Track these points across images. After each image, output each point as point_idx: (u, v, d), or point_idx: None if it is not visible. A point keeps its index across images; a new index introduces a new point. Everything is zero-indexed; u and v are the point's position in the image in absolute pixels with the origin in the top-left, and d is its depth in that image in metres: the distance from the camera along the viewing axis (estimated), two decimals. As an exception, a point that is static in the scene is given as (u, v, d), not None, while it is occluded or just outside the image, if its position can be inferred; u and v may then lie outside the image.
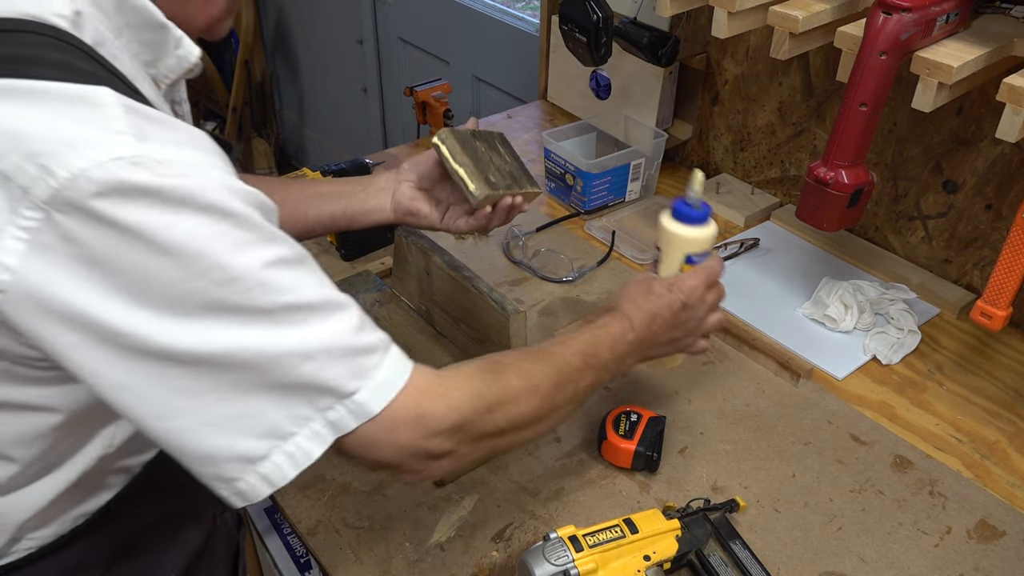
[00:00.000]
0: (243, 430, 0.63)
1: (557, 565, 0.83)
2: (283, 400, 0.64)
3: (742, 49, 1.50)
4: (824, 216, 1.14)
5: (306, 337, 0.63)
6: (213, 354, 0.61)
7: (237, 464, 0.64)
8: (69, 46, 0.62)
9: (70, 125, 0.58)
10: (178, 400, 0.61)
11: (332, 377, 0.65)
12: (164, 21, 0.69)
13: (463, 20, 2.40)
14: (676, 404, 1.13)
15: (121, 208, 0.56)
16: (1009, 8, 1.05)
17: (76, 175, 0.56)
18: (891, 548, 0.96)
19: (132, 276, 0.58)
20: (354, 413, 0.66)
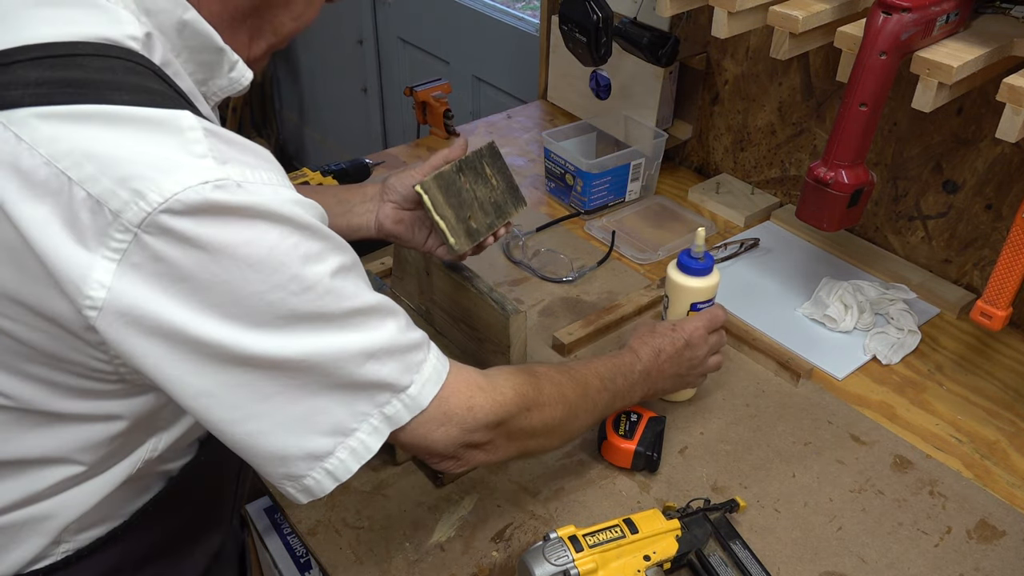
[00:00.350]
0: (312, 429, 0.68)
1: (557, 565, 0.83)
2: (346, 398, 0.68)
3: (742, 49, 1.50)
4: (824, 216, 1.14)
5: (369, 338, 0.68)
6: (289, 359, 0.64)
7: (306, 462, 0.68)
8: (145, 69, 0.64)
9: (157, 150, 0.60)
10: (255, 404, 0.65)
11: (389, 373, 0.70)
12: (222, 45, 0.71)
13: (463, 20, 2.40)
14: (676, 404, 1.13)
15: (206, 228, 0.59)
16: (1009, 8, 1.05)
17: (168, 199, 0.58)
18: (891, 548, 0.96)
19: (217, 290, 0.61)
20: (408, 407, 0.72)
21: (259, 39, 0.76)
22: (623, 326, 1.27)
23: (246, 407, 0.66)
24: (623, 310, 1.27)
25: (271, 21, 0.76)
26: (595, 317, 1.26)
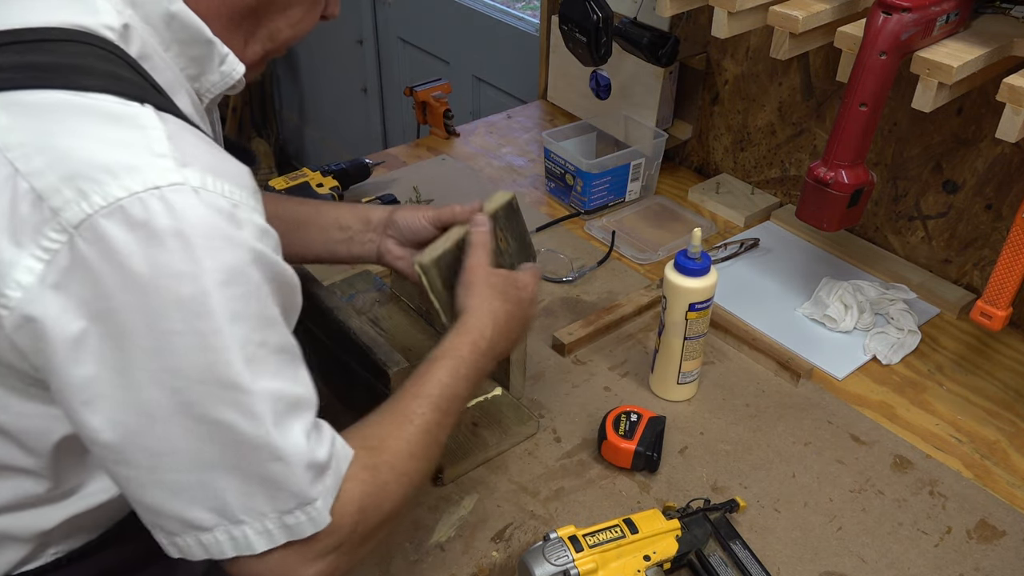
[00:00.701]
0: (195, 500, 0.63)
1: (557, 565, 0.83)
2: (244, 488, 0.63)
3: (742, 49, 1.50)
4: (824, 216, 1.14)
5: (281, 435, 0.62)
6: (185, 423, 0.60)
7: (179, 524, 0.63)
8: (117, 58, 0.63)
9: (111, 148, 0.58)
10: (139, 454, 0.61)
11: (299, 482, 0.64)
12: (211, 37, 0.70)
13: (463, 20, 2.41)
14: (676, 404, 1.13)
15: (142, 246, 0.56)
16: (1009, 8, 1.05)
17: (111, 204, 0.56)
18: (891, 548, 0.96)
19: (130, 319, 0.58)
20: (313, 520, 0.65)
21: (254, 43, 0.76)
22: (623, 326, 1.27)
23: (126, 452, 0.61)
24: (623, 310, 1.27)
25: (268, 26, 0.75)
26: (595, 317, 1.26)
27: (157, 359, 0.59)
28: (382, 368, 0.97)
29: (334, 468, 0.68)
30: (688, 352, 1.09)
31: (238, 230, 0.60)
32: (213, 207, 0.59)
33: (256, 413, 0.61)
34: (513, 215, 1.05)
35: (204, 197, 0.59)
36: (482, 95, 2.46)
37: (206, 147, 0.64)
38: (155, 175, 0.57)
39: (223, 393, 0.60)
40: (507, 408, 1.09)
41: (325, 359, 1.12)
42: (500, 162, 1.69)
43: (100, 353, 0.58)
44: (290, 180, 1.47)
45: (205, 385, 0.60)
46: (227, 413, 0.60)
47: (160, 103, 0.63)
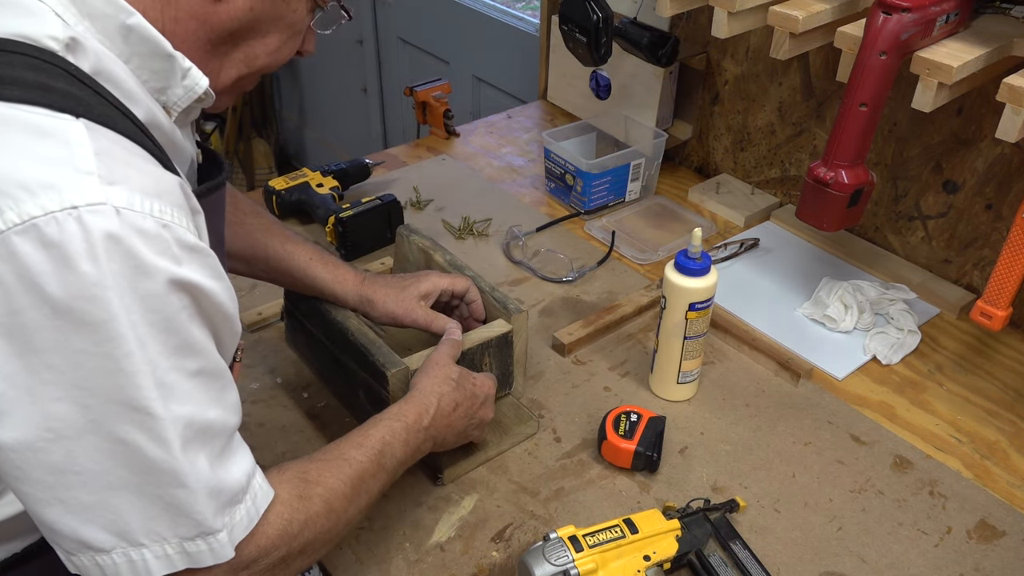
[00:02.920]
0: (93, 520, 0.62)
1: (557, 565, 0.83)
2: (146, 510, 0.62)
3: (742, 49, 1.50)
4: (824, 216, 1.14)
5: (188, 462, 0.62)
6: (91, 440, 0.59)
7: (76, 544, 0.63)
8: (53, 67, 0.61)
9: (31, 164, 0.57)
10: (40, 472, 0.60)
11: (202, 511, 0.64)
12: (172, 51, 0.69)
13: (463, 20, 2.40)
14: (676, 404, 1.13)
15: (52, 266, 0.56)
16: (1009, 8, 1.05)
17: (24, 222, 0.55)
18: (891, 548, 0.96)
19: (37, 338, 0.57)
20: (214, 552, 0.65)
21: (229, 67, 0.75)
22: (623, 326, 1.27)
23: (27, 470, 0.60)
24: (623, 310, 1.27)
25: (244, 50, 0.75)
26: (595, 317, 1.26)
27: (66, 376, 0.58)
28: (380, 369, 0.97)
29: (248, 504, 0.68)
30: (688, 352, 1.09)
31: (158, 255, 0.60)
32: (135, 229, 0.58)
33: (164, 438, 0.61)
34: (506, 346, 1.06)
35: (127, 218, 0.58)
36: (482, 95, 2.46)
37: (140, 163, 0.63)
38: (74, 194, 0.56)
39: (132, 415, 0.60)
40: (507, 408, 1.09)
41: (324, 359, 1.12)
42: (500, 162, 1.69)
43: (6, 369, 0.58)
44: (290, 180, 1.47)
45: (114, 405, 0.59)
46: (135, 435, 0.60)
47: (103, 115, 0.62)
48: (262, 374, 1.16)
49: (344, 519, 0.78)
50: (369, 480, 0.81)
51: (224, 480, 0.65)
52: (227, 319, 0.68)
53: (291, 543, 0.72)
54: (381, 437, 0.85)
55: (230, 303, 0.68)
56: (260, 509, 0.69)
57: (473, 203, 1.54)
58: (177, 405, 0.61)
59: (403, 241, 1.22)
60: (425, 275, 1.08)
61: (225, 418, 0.66)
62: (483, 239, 1.46)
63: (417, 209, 1.52)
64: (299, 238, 1.08)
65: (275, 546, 0.71)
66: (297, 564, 0.75)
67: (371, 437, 0.84)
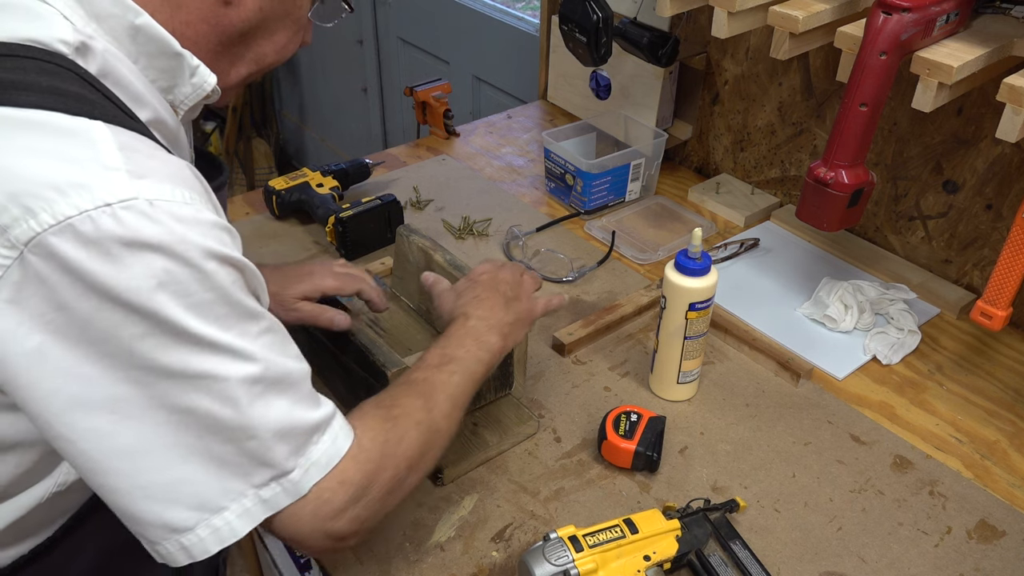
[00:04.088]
0: (174, 499, 0.63)
1: (557, 565, 0.83)
2: (220, 472, 0.63)
3: (742, 49, 1.50)
4: (824, 216, 1.14)
5: (258, 414, 0.64)
6: (156, 416, 0.61)
7: (160, 531, 0.64)
8: (65, 71, 0.62)
9: (60, 165, 0.58)
10: (112, 459, 0.61)
11: (274, 456, 0.65)
12: (180, 50, 0.69)
13: (463, 20, 2.40)
14: (676, 404, 1.13)
15: (94, 261, 0.57)
16: (1009, 8, 1.05)
17: (60, 223, 0.56)
18: (891, 548, 0.96)
19: (91, 327, 0.58)
20: (288, 491, 0.67)
21: (240, 66, 0.76)
22: (623, 326, 1.27)
23: (102, 460, 0.61)
24: (623, 310, 1.27)
25: (254, 49, 0.76)
26: (595, 317, 1.26)
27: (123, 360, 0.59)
28: (380, 369, 0.97)
29: (327, 443, 0.69)
30: (688, 352, 1.09)
31: (200, 237, 0.61)
32: (170, 215, 0.59)
33: (229, 397, 0.62)
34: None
35: (160, 207, 0.59)
36: (482, 95, 2.46)
37: (163, 156, 0.64)
38: (105, 192, 0.57)
39: (194, 383, 0.61)
40: (507, 408, 1.09)
41: (324, 359, 1.12)
42: (500, 162, 1.69)
43: (64, 363, 0.58)
44: (290, 180, 1.47)
45: (173, 379, 0.60)
46: (199, 400, 0.61)
47: (114, 118, 0.63)
48: (262, 374, 1.16)
49: (433, 428, 0.80)
50: (442, 387, 0.83)
51: (297, 423, 0.67)
52: (264, 289, 0.70)
53: (396, 463, 0.75)
54: (434, 353, 0.87)
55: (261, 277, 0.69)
56: (341, 447, 0.70)
57: (473, 203, 1.54)
58: (245, 365, 0.63)
59: (403, 241, 1.22)
60: (310, 274, 1.06)
61: (298, 366, 0.68)
62: (483, 239, 1.46)
63: (417, 209, 1.52)
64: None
65: (381, 468, 0.73)
66: (410, 480, 0.78)
67: (426, 359, 0.87)
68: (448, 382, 0.84)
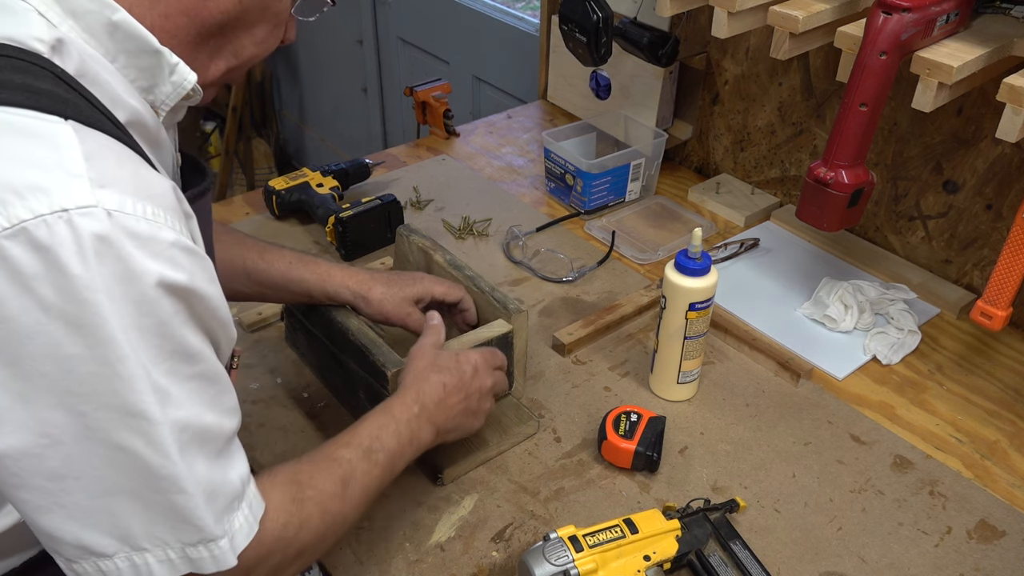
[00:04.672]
0: (96, 524, 0.61)
1: (557, 565, 0.83)
2: (147, 514, 0.62)
3: (742, 49, 1.50)
4: (824, 216, 1.14)
5: (186, 467, 0.62)
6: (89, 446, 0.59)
7: (78, 551, 0.62)
8: (40, 69, 0.61)
9: (22, 168, 0.56)
10: (38, 479, 0.60)
11: (201, 517, 0.63)
12: (158, 47, 0.68)
13: (463, 20, 2.40)
14: (676, 404, 1.13)
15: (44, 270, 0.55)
16: (1009, 8, 1.05)
17: (14, 226, 0.55)
18: (891, 548, 0.96)
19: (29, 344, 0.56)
20: (216, 560, 0.65)
21: (219, 60, 0.74)
22: (623, 326, 1.27)
23: (25, 477, 0.59)
24: (623, 310, 1.27)
25: (233, 42, 0.74)
26: (595, 317, 1.26)
27: (60, 383, 0.58)
28: (380, 368, 0.97)
29: (245, 511, 0.67)
30: (688, 352, 1.09)
31: (151, 258, 0.59)
32: (127, 232, 0.58)
33: (160, 443, 0.60)
34: (506, 347, 1.06)
35: (118, 220, 0.57)
36: (482, 95, 2.46)
37: (132, 166, 0.62)
38: (64, 197, 0.56)
39: (128, 420, 0.59)
40: (507, 408, 1.09)
41: (324, 359, 1.12)
42: (500, 162, 1.69)
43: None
44: (290, 180, 1.47)
45: (110, 411, 0.59)
46: (131, 440, 0.60)
47: (90, 118, 0.61)
48: (262, 374, 1.16)
49: (339, 520, 0.78)
50: (361, 477, 0.81)
51: (221, 485, 0.65)
52: (223, 325, 0.68)
53: (287, 548, 0.72)
54: (368, 433, 0.84)
55: (224, 308, 0.67)
56: (256, 517, 0.69)
57: (473, 203, 1.54)
58: (173, 409, 0.61)
59: (403, 241, 1.22)
60: (420, 278, 1.08)
61: (221, 422, 0.66)
62: (483, 239, 1.46)
63: (417, 209, 1.52)
64: (275, 246, 1.06)
65: (271, 552, 0.70)
66: (294, 568, 0.75)
67: (358, 435, 0.84)
68: (369, 473, 0.81)
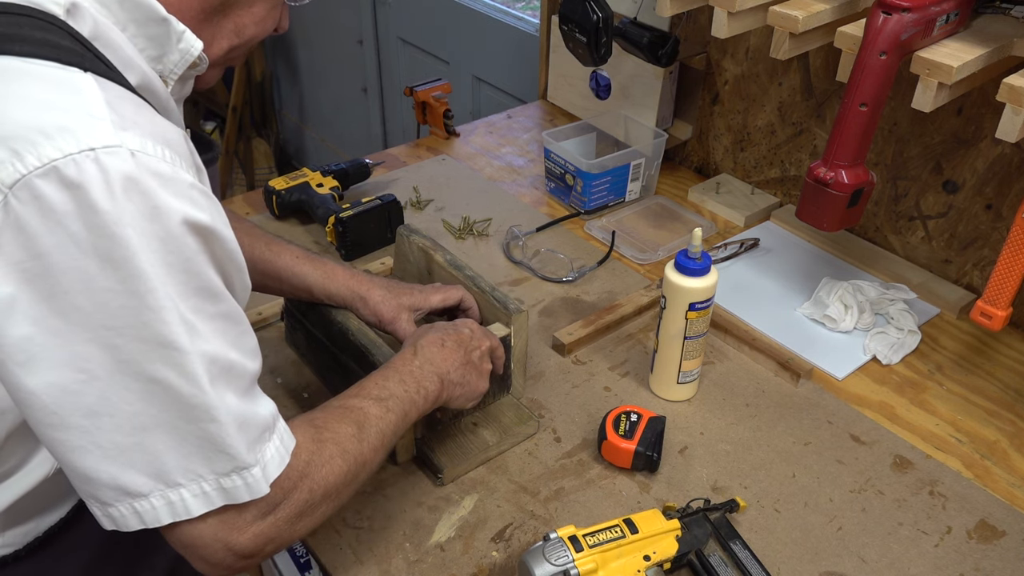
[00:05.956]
0: (132, 463, 0.63)
1: (557, 565, 0.83)
2: (182, 449, 0.63)
3: (742, 49, 1.50)
4: (824, 216, 1.14)
5: (218, 397, 0.63)
6: (123, 381, 0.60)
7: (114, 492, 0.63)
8: (59, 29, 0.63)
9: (48, 111, 0.58)
10: (75, 416, 0.61)
11: (234, 445, 0.65)
12: (165, 15, 0.69)
13: (463, 20, 2.40)
14: (676, 404, 1.13)
15: (77, 208, 0.57)
16: (1009, 8, 1.05)
17: (45, 164, 0.56)
18: (891, 548, 0.96)
19: (66, 279, 0.58)
20: (249, 487, 0.66)
21: (221, 39, 0.76)
22: (623, 326, 1.27)
23: (63, 415, 0.61)
24: (623, 310, 1.27)
25: (234, 20, 0.76)
26: (595, 317, 1.26)
27: (94, 317, 0.59)
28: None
29: (276, 442, 0.69)
30: (688, 352, 1.09)
31: (174, 197, 0.61)
32: (150, 171, 0.59)
33: (192, 373, 0.62)
34: (505, 347, 1.06)
35: (142, 160, 0.59)
36: (482, 95, 2.46)
37: (148, 114, 0.64)
38: (90, 137, 0.58)
39: (160, 351, 0.61)
40: (507, 408, 1.09)
41: (324, 359, 1.12)
42: (500, 162, 1.69)
43: (34, 313, 0.58)
44: (290, 180, 1.47)
45: (142, 343, 0.60)
46: (164, 372, 0.61)
47: (104, 74, 0.63)
48: (262, 374, 1.16)
49: (360, 461, 0.79)
50: (376, 422, 0.82)
51: (251, 415, 0.67)
52: (239, 270, 0.69)
53: (313, 486, 0.73)
54: (375, 383, 0.87)
55: (240, 253, 0.69)
56: (288, 448, 0.70)
57: (473, 203, 1.54)
58: (202, 342, 0.62)
59: (403, 241, 1.22)
60: (420, 288, 1.08)
61: (245, 362, 0.67)
62: (483, 239, 1.46)
63: (417, 209, 1.52)
64: (283, 240, 1.08)
65: (297, 487, 0.72)
66: (323, 509, 0.76)
67: (365, 387, 0.86)
68: (383, 418, 0.83)
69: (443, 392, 0.92)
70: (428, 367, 0.91)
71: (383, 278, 1.09)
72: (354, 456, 0.78)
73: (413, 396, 0.88)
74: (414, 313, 1.06)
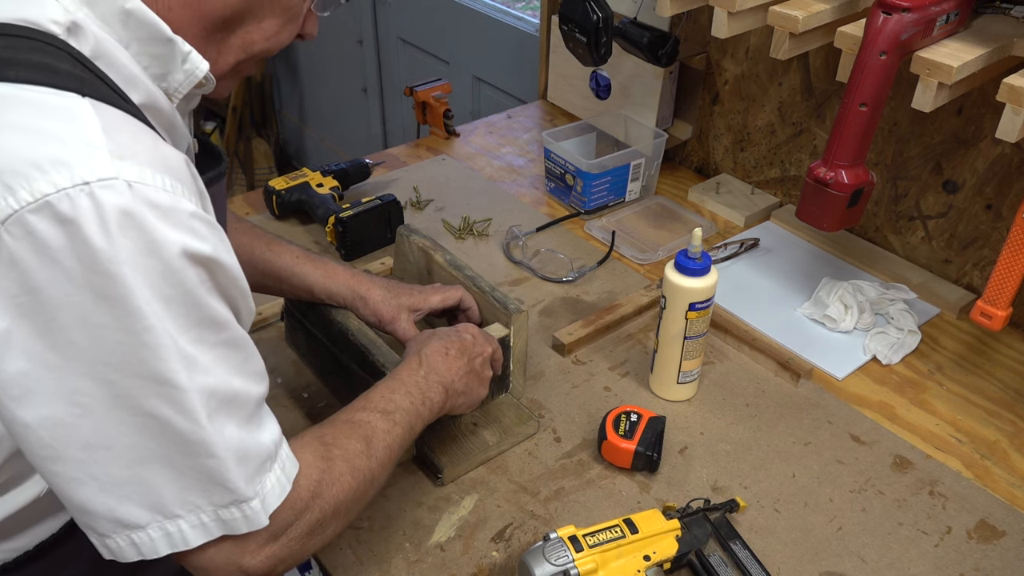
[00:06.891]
0: (128, 495, 0.62)
1: (557, 565, 0.83)
2: (179, 481, 0.63)
3: (742, 49, 1.50)
4: (824, 216, 1.14)
5: (215, 432, 0.63)
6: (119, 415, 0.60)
7: (111, 525, 0.63)
8: (56, 49, 0.62)
9: (42, 141, 0.57)
10: (72, 450, 0.61)
11: (233, 479, 0.64)
12: (171, 36, 0.69)
13: (463, 20, 2.40)
14: (676, 404, 1.13)
15: (71, 243, 0.56)
16: (1009, 8, 1.05)
17: (38, 200, 0.55)
18: (891, 548, 0.96)
19: (60, 314, 0.57)
20: (248, 520, 0.66)
21: (227, 54, 0.75)
22: (623, 326, 1.27)
23: (59, 448, 0.60)
24: (623, 310, 1.27)
25: (241, 36, 0.74)
26: (595, 317, 1.26)
27: (90, 352, 0.59)
28: (380, 368, 0.97)
29: (278, 472, 0.69)
30: (688, 352, 1.09)
31: (172, 228, 0.60)
32: (148, 202, 0.59)
33: (189, 409, 0.61)
34: (505, 348, 1.06)
35: (139, 191, 0.58)
36: (482, 95, 2.46)
37: (148, 140, 0.63)
38: (84, 170, 0.57)
39: (156, 388, 0.60)
40: (507, 408, 1.09)
41: (324, 359, 1.12)
42: (500, 162, 1.69)
43: (29, 348, 0.58)
44: (290, 180, 1.47)
45: (138, 379, 0.60)
46: (161, 408, 0.61)
47: (105, 96, 0.62)
48: (262, 374, 1.16)
49: (368, 477, 0.79)
50: (383, 436, 0.82)
51: (252, 447, 0.66)
52: (243, 295, 0.69)
53: (324, 505, 0.73)
54: (381, 396, 0.86)
55: (243, 279, 0.68)
56: (290, 477, 0.70)
57: (473, 203, 1.54)
58: (201, 376, 0.62)
59: (403, 241, 1.22)
60: (420, 289, 1.08)
61: (249, 388, 0.67)
62: (483, 239, 1.46)
63: (417, 209, 1.52)
64: (283, 240, 1.07)
65: (307, 508, 0.72)
66: (334, 526, 0.76)
67: (371, 400, 0.86)
68: (390, 432, 0.83)
69: (447, 402, 0.93)
70: (433, 377, 0.91)
71: (383, 278, 1.09)
72: (363, 473, 0.78)
73: (419, 408, 0.88)
74: (414, 313, 1.06)
